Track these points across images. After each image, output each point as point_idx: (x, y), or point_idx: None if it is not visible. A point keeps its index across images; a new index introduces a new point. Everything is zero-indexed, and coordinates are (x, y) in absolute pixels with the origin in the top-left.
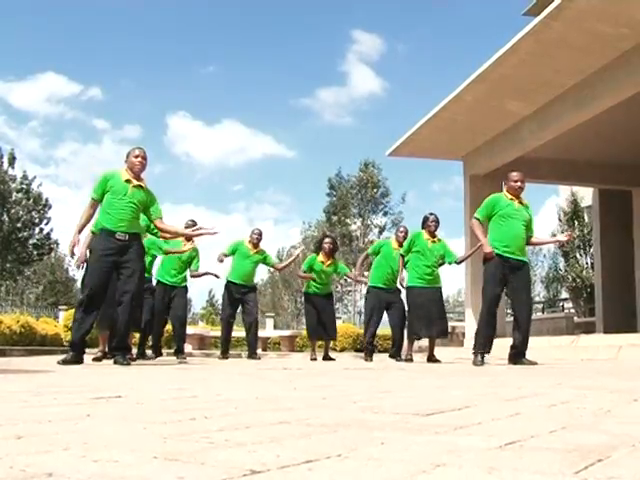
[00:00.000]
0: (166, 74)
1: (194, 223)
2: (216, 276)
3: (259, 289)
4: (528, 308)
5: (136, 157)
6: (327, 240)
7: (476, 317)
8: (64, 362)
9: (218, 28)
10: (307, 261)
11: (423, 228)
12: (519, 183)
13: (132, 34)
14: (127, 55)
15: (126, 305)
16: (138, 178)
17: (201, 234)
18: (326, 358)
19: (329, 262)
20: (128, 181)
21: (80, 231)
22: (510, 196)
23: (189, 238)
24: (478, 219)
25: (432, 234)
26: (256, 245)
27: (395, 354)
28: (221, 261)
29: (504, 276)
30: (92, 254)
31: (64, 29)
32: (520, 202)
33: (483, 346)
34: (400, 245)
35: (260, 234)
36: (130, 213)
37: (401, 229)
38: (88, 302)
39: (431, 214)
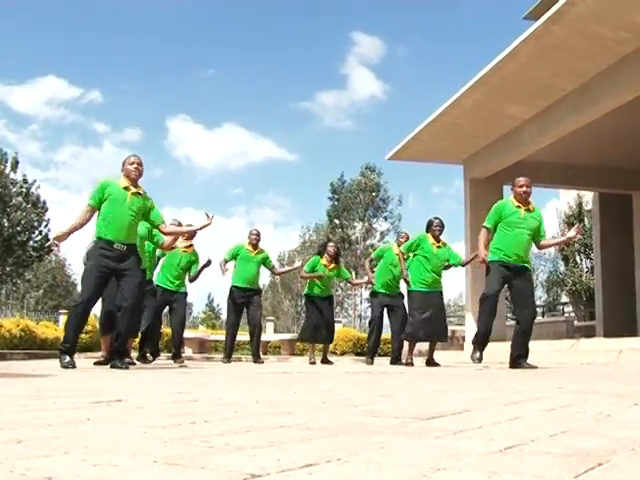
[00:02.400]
0: (166, 77)
1: (179, 224)
2: (208, 263)
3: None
4: (532, 312)
5: (131, 164)
6: (331, 244)
7: (476, 321)
8: (70, 365)
9: (218, 31)
10: (310, 263)
11: (427, 232)
12: (524, 188)
13: (132, 38)
14: (127, 58)
15: (126, 312)
16: (135, 185)
17: (203, 227)
18: (324, 361)
19: (332, 266)
20: (126, 188)
21: (72, 232)
22: (517, 203)
23: (190, 237)
24: (487, 227)
25: (437, 238)
26: (255, 246)
27: (395, 361)
28: (226, 270)
29: (505, 277)
30: (89, 260)
31: (64, 33)
32: (528, 208)
33: (482, 337)
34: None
35: (258, 234)
36: (129, 221)
37: (402, 234)
38: (82, 305)
39: (436, 218)
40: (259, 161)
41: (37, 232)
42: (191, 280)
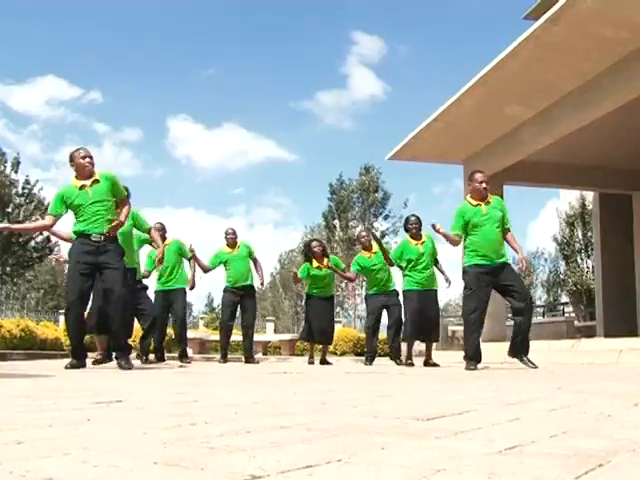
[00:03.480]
0: (166, 77)
1: (162, 226)
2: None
3: (259, 293)
4: (527, 300)
5: (83, 158)
6: (315, 244)
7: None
8: (71, 366)
9: (218, 31)
10: (302, 271)
11: (406, 231)
12: (484, 184)
13: (132, 37)
14: (127, 58)
15: (115, 307)
16: (90, 176)
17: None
18: (323, 362)
19: (325, 264)
20: (83, 187)
21: (21, 230)
22: (475, 202)
23: (163, 240)
24: (458, 234)
25: (416, 236)
26: (234, 244)
27: (395, 356)
28: (206, 272)
29: (486, 283)
30: (70, 259)
31: (64, 32)
32: (488, 202)
33: (472, 356)
34: (367, 249)
35: (234, 232)
36: (102, 212)
37: (363, 234)
38: (73, 307)
39: (412, 215)
40: (259, 161)
41: (38, 233)
42: (191, 288)
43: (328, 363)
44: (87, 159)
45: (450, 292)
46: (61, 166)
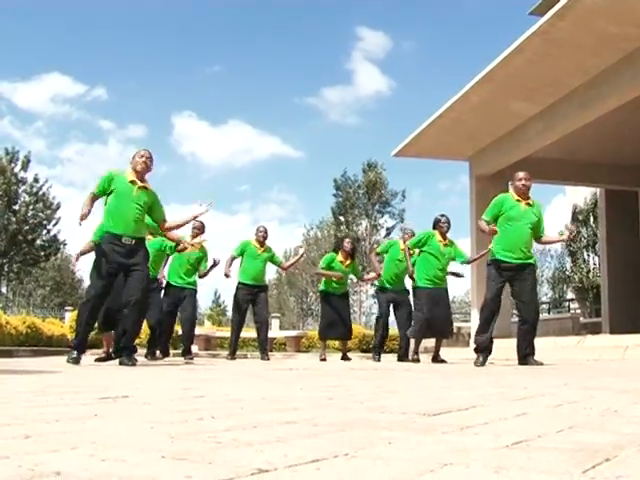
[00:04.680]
0: (171, 74)
1: (202, 224)
2: (215, 263)
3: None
4: (534, 309)
5: (141, 157)
6: (348, 240)
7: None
8: (74, 361)
9: (222, 27)
10: (325, 259)
11: (434, 229)
12: (523, 181)
13: (137, 34)
14: (132, 55)
15: (132, 309)
16: (142, 179)
17: (199, 214)
18: (344, 358)
19: (348, 262)
20: (133, 182)
21: (85, 215)
22: (517, 197)
23: (199, 233)
24: (486, 220)
25: (444, 236)
26: (262, 243)
27: (403, 357)
28: (229, 271)
29: (505, 279)
30: (98, 255)
31: (68, 29)
32: (528, 203)
33: (482, 347)
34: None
35: (265, 231)
36: (136, 215)
37: (407, 231)
38: (93, 302)
39: (442, 215)
40: (264, 158)
41: (45, 231)
42: (200, 276)
43: (348, 359)
44: (143, 159)
45: (456, 290)
46: (66, 163)
